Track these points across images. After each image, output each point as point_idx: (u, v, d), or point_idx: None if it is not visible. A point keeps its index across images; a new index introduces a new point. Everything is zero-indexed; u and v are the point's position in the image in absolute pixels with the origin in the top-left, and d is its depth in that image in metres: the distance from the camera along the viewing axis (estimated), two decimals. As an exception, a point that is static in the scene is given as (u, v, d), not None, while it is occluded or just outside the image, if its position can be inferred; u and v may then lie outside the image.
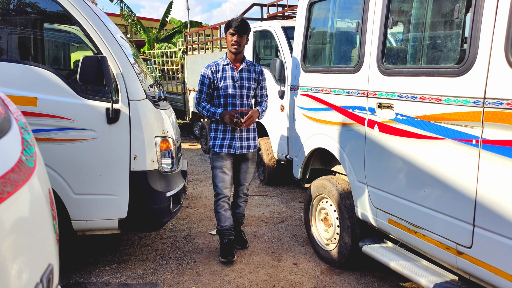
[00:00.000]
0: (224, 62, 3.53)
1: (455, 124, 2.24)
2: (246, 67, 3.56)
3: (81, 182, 3.00)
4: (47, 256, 1.36)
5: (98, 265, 3.47)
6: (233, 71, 3.50)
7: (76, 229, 3.07)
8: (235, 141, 3.52)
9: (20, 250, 1.15)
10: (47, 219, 1.36)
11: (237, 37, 3.42)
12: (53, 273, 1.37)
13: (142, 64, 3.86)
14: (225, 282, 3.23)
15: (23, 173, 1.18)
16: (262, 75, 3.65)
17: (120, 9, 19.45)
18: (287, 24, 5.67)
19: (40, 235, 1.29)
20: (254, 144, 3.64)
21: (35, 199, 1.29)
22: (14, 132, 1.26)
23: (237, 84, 3.49)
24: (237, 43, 3.43)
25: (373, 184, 2.92)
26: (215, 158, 3.57)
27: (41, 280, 1.26)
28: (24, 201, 1.23)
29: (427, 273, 2.54)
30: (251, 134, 3.61)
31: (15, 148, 1.22)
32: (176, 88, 10.52)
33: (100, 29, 2.99)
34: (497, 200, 2.05)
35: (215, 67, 3.52)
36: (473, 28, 2.13)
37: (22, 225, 1.18)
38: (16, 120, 1.33)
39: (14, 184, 1.14)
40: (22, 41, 3.23)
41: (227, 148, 3.51)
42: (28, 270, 1.21)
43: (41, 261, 1.31)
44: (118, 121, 2.98)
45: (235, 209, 3.80)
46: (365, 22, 2.92)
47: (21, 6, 3.20)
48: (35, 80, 2.89)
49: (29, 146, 1.31)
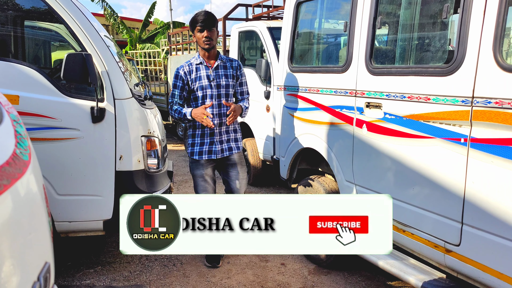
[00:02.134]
0: (197, 61, 3.26)
1: (444, 123, 2.26)
2: (222, 63, 3.30)
3: (64, 182, 2.93)
4: (44, 254, 1.32)
5: (81, 267, 3.40)
6: (207, 70, 3.24)
7: (59, 231, 2.99)
8: (215, 145, 3.26)
9: (18, 246, 1.10)
10: (43, 215, 1.31)
11: (206, 32, 3.16)
12: (50, 272, 1.32)
13: (127, 63, 3.79)
14: (212, 284, 3.19)
15: (18, 166, 1.13)
16: (240, 70, 3.38)
17: (103, 8, 19.21)
18: (273, 25, 5.67)
19: (36, 232, 1.24)
20: (236, 145, 3.38)
21: (32, 194, 1.24)
22: (7, 124, 1.21)
23: (214, 83, 3.23)
24: (208, 38, 3.16)
25: (361, 184, 2.93)
26: (195, 166, 3.33)
27: (39, 279, 1.21)
28: (21, 196, 1.19)
29: (416, 272, 2.55)
30: (232, 135, 3.35)
31: (9, 141, 1.17)
32: (159, 89, 10.42)
33: (85, 26, 2.93)
34: (485, 198, 2.08)
35: (188, 67, 3.26)
36: (461, 28, 2.15)
37: (19, 221, 1.14)
38: (7, 113, 1.27)
39: (10, 178, 1.09)
40: (3, 38, 3.14)
41: (207, 154, 3.27)
42: (26, 268, 1.17)
43: (38, 259, 1.26)
44: (103, 120, 2.92)
45: None
46: (353, 21, 2.93)
47: (2, 2, 3.10)
48: (17, 78, 2.81)
49: (23, 139, 1.26)
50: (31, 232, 1.22)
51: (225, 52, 7.01)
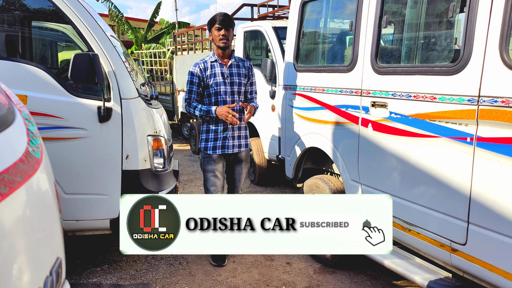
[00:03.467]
0: (212, 59, 3.38)
1: (450, 122, 2.26)
2: (235, 62, 3.44)
3: (71, 181, 2.95)
4: (56, 249, 1.34)
5: (88, 266, 3.42)
6: (222, 67, 3.37)
7: (66, 230, 3.01)
8: (228, 140, 3.38)
9: (31, 242, 1.12)
10: (55, 211, 1.33)
11: (224, 31, 3.29)
12: (61, 267, 1.35)
13: (133, 63, 3.82)
14: (218, 282, 3.21)
15: (31, 164, 1.15)
16: (251, 71, 3.52)
17: (108, 9, 19.30)
18: (278, 24, 5.67)
19: (49, 228, 1.26)
20: (246, 142, 3.51)
21: (44, 190, 1.26)
22: (19, 123, 1.23)
23: (228, 81, 3.35)
24: (225, 37, 3.30)
25: (367, 183, 2.93)
26: (207, 161, 3.42)
27: (51, 273, 1.24)
28: (34, 192, 1.21)
29: (421, 271, 2.55)
30: (243, 132, 3.48)
31: (22, 139, 1.19)
32: (165, 89, 10.45)
33: (92, 27, 2.95)
34: (491, 197, 2.07)
35: (203, 64, 3.38)
36: (467, 27, 2.14)
37: (33, 216, 1.16)
38: (19, 112, 1.30)
39: (23, 175, 1.11)
40: (11, 38, 3.17)
41: (220, 149, 3.37)
42: (39, 263, 1.19)
43: (50, 254, 1.29)
44: (110, 119, 2.94)
45: None
46: (359, 21, 2.93)
47: (11, 2, 3.13)
48: (25, 78, 2.84)
49: (35, 137, 1.28)
50: (44, 228, 1.25)
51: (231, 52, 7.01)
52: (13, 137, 1.17)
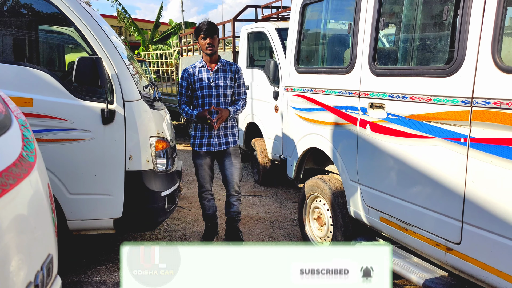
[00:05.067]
0: (200, 65, 3.66)
1: (444, 123, 2.29)
2: (222, 67, 3.66)
3: (76, 182, 3.03)
4: (47, 246, 1.43)
5: (93, 264, 3.50)
6: (208, 72, 3.62)
7: (71, 229, 3.10)
8: (213, 139, 3.64)
9: (22, 239, 1.20)
10: (47, 211, 1.41)
11: (209, 39, 3.56)
12: (52, 263, 1.43)
13: (137, 66, 3.89)
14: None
15: (24, 167, 1.24)
16: (238, 73, 3.73)
17: (117, 10, 19.49)
18: (281, 26, 5.72)
19: (40, 226, 1.34)
20: (233, 139, 3.74)
21: (36, 192, 1.34)
22: (15, 129, 1.32)
23: (213, 84, 3.59)
24: (210, 45, 3.57)
25: (365, 183, 2.97)
26: (195, 156, 3.75)
27: (42, 269, 1.32)
28: (26, 194, 1.30)
29: (418, 270, 2.59)
30: (229, 130, 3.72)
31: (16, 144, 1.28)
32: (171, 90, 10.53)
33: (94, 30, 3.02)
34: (485, 197, 2.11)
35: (192, 69, 3.66)
36: (461, 29, 2.18)
37: (24, 216, 1.24)
38: (16, 118, 1.38)
39: (16, 177, 1.20)
40: (17, 42, 3.25)
41: (206, 146, 3.65)
42: (30, 259, 1.27)
43: (41, 250, 1.37)
44: (113, 121, 3.01)
45: (230, 208, 3.83)
46: (357, 23, 2.97)
47: (16, 7, 3.21)
48: (31, 81, 2.92)
49: (29, 142, 1.36)
50: (36, 226, 1.34)
51: (235, 53, 7.08)
52: (9, 142, 1.25)
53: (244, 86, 3.81)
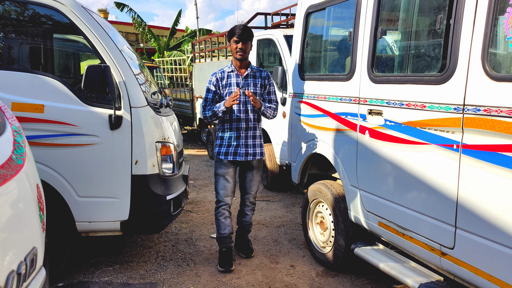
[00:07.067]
0: (229, 69, 3.55)
1: (438, 129, 2.34)
2: (252, 72, 3.57)
3: (84, 185, 3.15)
4: (32, 240, 1.56)
5: (101, 265, 3.61)
6: (238, 78, 3.53)
7: (80, 230, 3.21)
8: (241, 148, 3.51)
9: (5, 232, 1.31)
10: (33, 209, 1.53)
11: (241, 44, 3.44)
12: (36, 255, 1.56)
13: (147, 73, 4.01)
14: (222, 283, 3.34)
15: (11, 168, 1.37)
16: (268, 80, 3.63)
17: (132, 18, 19.86)
18: (289, 33, 5.80)
19: (25, 222, 1.47)
20: (260, 151, 3.62)
21: (22, 191, 1.47)
22: (8, 134, 1.44)
23: (242, 90, 3.48)
24: (242, 50, 3.45)
25: (365, 188, 3.01)
26: (218, 165, 3.59)
27: (25, 260, 1.45)
28: (11, 192, 1.42)
29: (414, 274, 2.62)
30: (258, 141, 3.59)
31: (7, 148, 1.40)
32: (185, 95, 10.69)
33: (103, 40, 3.15)
34: (476, 202, 2.14)
35: (220, 74, 3.56)
36: (453, 38, 2.23)
37: (8, 212, 1.35)
38: (10, 125, 1.51)
39: (2, 178, 1.33)
40: (31, 51, 3.39)
41: (232, 155, 3.51)
42: (13, 249, 1.40)
43: (25, 243, 1.50)
44: (120, 127, 3.12)
45: (242, 217, 3.82)
46: (357, 31, 3.04)
47: (28, 18, 3.36)
48: (43, 88, 3.05)
49: (20, 146, 1.50)
50: (20, 222, 1.48)
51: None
52: (0, 146, 1.37)
53: (275, 93, 3.68)
